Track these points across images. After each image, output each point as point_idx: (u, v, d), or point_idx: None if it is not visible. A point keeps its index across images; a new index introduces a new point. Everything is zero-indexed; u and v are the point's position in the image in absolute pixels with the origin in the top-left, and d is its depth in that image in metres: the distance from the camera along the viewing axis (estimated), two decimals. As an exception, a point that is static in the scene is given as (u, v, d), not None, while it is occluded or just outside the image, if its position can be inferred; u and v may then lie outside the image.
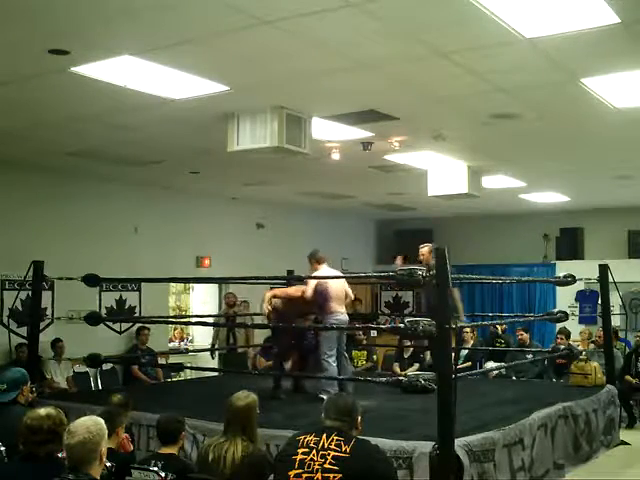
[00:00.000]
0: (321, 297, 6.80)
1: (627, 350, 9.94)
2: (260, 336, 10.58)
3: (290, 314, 7.04)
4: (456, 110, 6.48)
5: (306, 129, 6.51)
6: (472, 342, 10.01)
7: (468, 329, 9.77)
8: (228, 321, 10.58)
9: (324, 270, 6.95)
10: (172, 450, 4.37)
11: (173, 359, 10.77)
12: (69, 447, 3.16)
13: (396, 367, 9.57)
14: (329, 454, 3.33)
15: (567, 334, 9.56)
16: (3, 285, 9.03)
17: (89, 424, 3.20)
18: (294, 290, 7.19)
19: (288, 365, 7.91)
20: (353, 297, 7.48)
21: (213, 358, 10.53)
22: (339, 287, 6.91)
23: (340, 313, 6.83)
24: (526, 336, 9.94)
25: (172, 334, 12.04)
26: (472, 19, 4.30)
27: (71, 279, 7.18)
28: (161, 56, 5.01)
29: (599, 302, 8.06)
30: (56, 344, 9.00)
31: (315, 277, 6.76)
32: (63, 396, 7.71)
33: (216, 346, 10.55)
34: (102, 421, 3.28)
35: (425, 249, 7.70)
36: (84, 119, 6.76)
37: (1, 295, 9.01)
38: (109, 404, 4.89)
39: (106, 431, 3.27)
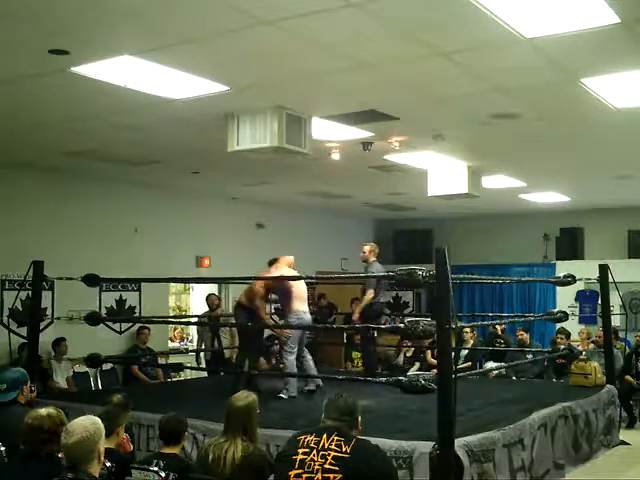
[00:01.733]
0: (284, 295, 7.03)
1: (627, 350, 9.95)
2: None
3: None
4: (456, 110, 6.48)
5: (306, 129, 6.51)
6: (472, 342, 10.02)
7: (468, 329, 9.78)
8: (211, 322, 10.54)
9: (283, 271, 7.16)
10: (174, 450, 4.37)
11: (173, 359, 10.77)
12: (67, 447, 3.16)
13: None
14: (329, 454, 3.32)
15: (567, 334, 9.56)
16: (3, 285, 9.03)
17: (87, 424, 3.21)
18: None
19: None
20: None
21: (199, 363, 10.50)
22: (302, 288, 7.14)
23: (302, 312, 7.03)
24: (526, 336, 9.95)
25: (172, 334, 12.04)
26: (472, 19, 4.30)
27: (71, 279, 7.19)
28: (161, 56, 5.01)
29: (599, 302, 8.07)
30: (60, 343, 8.97)
31: (314, 277, 6.81)
32: (63, 396, 7.72)
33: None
34: (99, 421, 3.28)
35: (367, 247, 8.14)
36: (84, 119, 6.76)
37: (1, 295, 9.01)
38: (109, 404, 4.89)
39: (104, 431, 3.28)
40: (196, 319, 11.39)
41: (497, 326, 10.61)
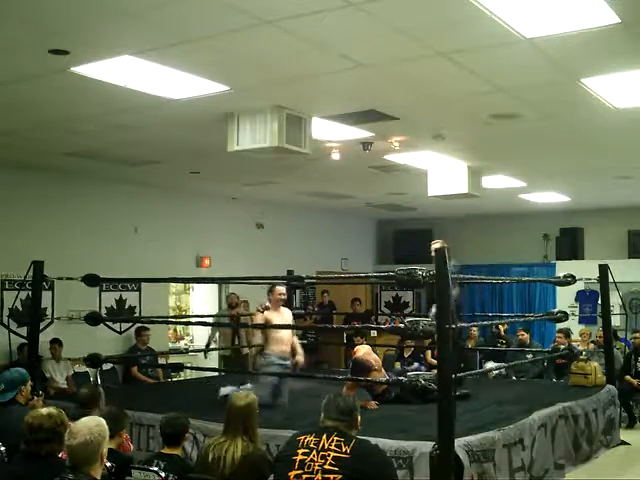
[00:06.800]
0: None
1: (627, 350, 9.95)
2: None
3: None
4: (456, 110, 6.48)
5: (306, 129, 6.51)
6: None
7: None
8: (232, 322, 10.55)
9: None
10: (175, 451, 4.37)
11: (173, 359, 10.77)
12: (70, 448, 3.16)
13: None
14: (329, 455, 3.32)
15: (567, 333, 9.56)
16: (3, 285, 9.02)
17: (91, 425, 3.21)
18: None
19: None
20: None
21: (206, 358, 10.52)
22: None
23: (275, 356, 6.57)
24: (526, 336, 9.94)
25: (167, 335, 11.99)
26: (472, 19, 4.30)
27: (71, 279, 7.18)
28: (161, 56, 5.00)
29: (599, 302, 8.07)
30: (52, 345, 8.91)
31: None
32: (64, 396, 7.71)
33: (212, 346, 10.56)
34: (104, 422, 3.28)
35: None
36: (84, 119, 6.76)
37: (1, 295, 9.00)
38: (80, 395, 4.89)
39: (108, 432, 3.28)
40: (196, 319, 11.40)
41: (500, 326, 10.61)
